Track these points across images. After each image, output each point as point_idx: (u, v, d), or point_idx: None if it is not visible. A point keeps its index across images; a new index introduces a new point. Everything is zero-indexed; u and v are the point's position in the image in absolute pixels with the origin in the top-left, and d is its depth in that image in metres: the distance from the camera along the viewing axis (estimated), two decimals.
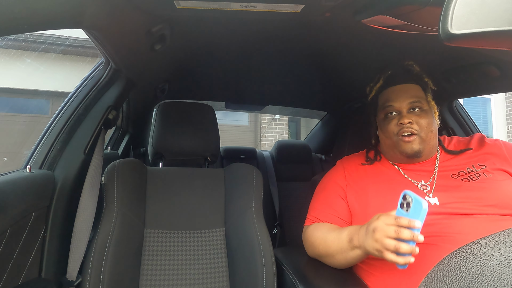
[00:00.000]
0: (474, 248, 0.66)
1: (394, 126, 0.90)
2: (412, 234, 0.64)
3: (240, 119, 5.88)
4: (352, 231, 0.79)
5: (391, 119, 0.91)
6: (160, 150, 1.19)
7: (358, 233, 0.77)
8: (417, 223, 0.64)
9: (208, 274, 0.99)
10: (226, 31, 0.98)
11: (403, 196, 0.68)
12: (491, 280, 0.58)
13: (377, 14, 0.75)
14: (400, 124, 0.88)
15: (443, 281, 0.64)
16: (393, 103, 0.91)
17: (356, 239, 0.77)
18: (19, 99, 4.30)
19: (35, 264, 0.77)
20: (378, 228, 0.69)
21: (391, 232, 0.66)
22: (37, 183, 0.77)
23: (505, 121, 5.91)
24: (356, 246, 0.77)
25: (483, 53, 0.98)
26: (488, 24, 0.44)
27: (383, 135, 0.95)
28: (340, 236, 0.82)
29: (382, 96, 0.96)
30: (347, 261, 0.82)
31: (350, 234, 0.79)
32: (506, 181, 0.84)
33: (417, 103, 0.90)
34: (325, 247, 0.86)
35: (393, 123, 0.90)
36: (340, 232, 0.83)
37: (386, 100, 0.93)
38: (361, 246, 0.75)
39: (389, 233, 0.66)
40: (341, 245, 0.81)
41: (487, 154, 0.91)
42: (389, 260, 0.66)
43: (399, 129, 0.89)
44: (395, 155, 0.94)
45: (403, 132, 0.88)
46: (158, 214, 1.05)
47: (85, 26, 0.69)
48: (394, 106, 0.91)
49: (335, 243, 0.83)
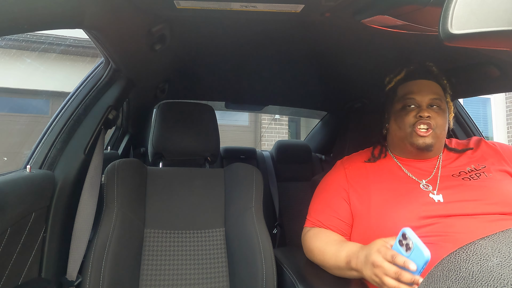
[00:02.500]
0: (474, 248, 0.66)
1: (412, 118, 0.89)
2: (413, 278, 0.63)
3: (240, 119, 5.88)
4: (351, 254, 0.78)
5: (409, 111, 0.91)
6: (160, 150, 1.19)
7: (356, 257, 0.75)
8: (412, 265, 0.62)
9: (208, 274, 0.99)
10: (226, 31, 0.98)
11: (403, 235, 0.65)
12: (491, 280, 0.58)
13: (377, 14, 0.75)
14: (419, 116, 0.88)
15: (443, 281, 0.64)
16: (415, 95, 0.91)
17: (355, 263, 0.75)
18: (19, 99, 4.30)
19: (35, 264, 0.77)
20: (378, 264, 0.67)
21: (391, 273, 0.65)
22: (37, 183, 0.77)
23: (505, 121, 5.91)
24: (353, 269, 0.76)
25: (483, 53, 0.98)
26: (488, 24, 0.44)
27: (396, 126, 0.94)
28: (338, 254, 0.81)
29: (403, 88, 0.95)
30: (344, 276, 0.82)
31: (349, 256, 0.78)
32: (506, 181, 0.85)
33: (437, 100, 0.90)
34: (322, 259, 0.85)
35: (411, 114, 0.90)
36: (338, 249, 0.82)
37: (408, 92, 0.93)
38: (359, 271, 0.74)
39: (389, 273, 0.65)
40: (338, 263, 0.80)
41: (485, 155, 0.92)
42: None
43: (416, 121, 0.89)
44: (405, 147, 0.93)
45: (420, 124, 0.88)
46: (158, 214, 1.05)
47: (85, 26, 0.69)
48: (415, 99, 0.91)
49: (333, 260, 0.82)
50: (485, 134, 4.58)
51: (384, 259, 0.67)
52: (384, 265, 0.66)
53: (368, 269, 0.70)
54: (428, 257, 0.61)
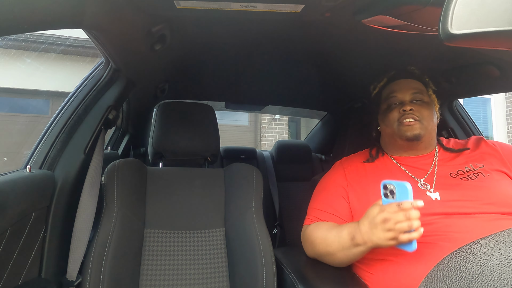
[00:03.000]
0: (474, 248, 0.66)
1: (396, 113, 0.94)
2: (418, 212, 0.68)
3: (240, 119, 5.88)
4: (352, 230, 0.79)
5: (393, 108, 0.96)
6: (160, 150, 1.19)
7: (359, 231, 0.77)
8: (419, 202, 0.68)
9: (208, 274, 0.99)
10: (226, 31, 0.98)
11: (384, 186, 0.72)
12: (491, 280, 0.58)
13: (377, 14, 0.75)
14: (402, 111, 0.93)
15: (443, 281, 0.64)
16: (396, 93, 0.97)
17: (359, 236, 0.76)
18: (19, 99, 4.30)
19: (35, 264, 0.77)
20: (388, 218, 0.70)
21: (401, 218, 0.68)
22: (37, 183, 0.77)
23: (505, 121, 5.91)
24: (359, 244, 0.77)
25: (483, 53, 0.98)
26: (488, 24, 0.44)
27: (384, 125, 0.99)
28: (341, 234, 0.82)
29: (386, 90, 1.01)
30: (349, 258, 0.82)
31: (351, 232, 0.79)
32: (504, 181, 0.85)
33: (419, 94, 0.95)
34: (325, 246, 0.86)
35: (395, 111, 0.95)
36: (339, 230, 0.83)
37: (389, 92, 0.98)
38: (366, 242, 0.75)
39: (399, 219, 0.68)
40: (342, 243, 0.81)
41: (484, 155, 0.92)
42: (405, 241, 0.68)
43: (400, 116, 0.93)
44: (396, 144, 0.97)
45: (404, 118, 0.92)
46: (158, 214, 1.05)
47: (85, 26, 0.69)
48: (397, 96, 0.96)
49: (336, 242, 0.83)
50: (485, 134, 4.57)
51: (390, 212, 0.70)
52: (393, 215, 0.69)
53: (378, 232, 0.72)
54: (410, 186, 0.69)
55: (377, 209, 0.73)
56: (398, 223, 0.68)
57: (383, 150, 1.03)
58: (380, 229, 0.71)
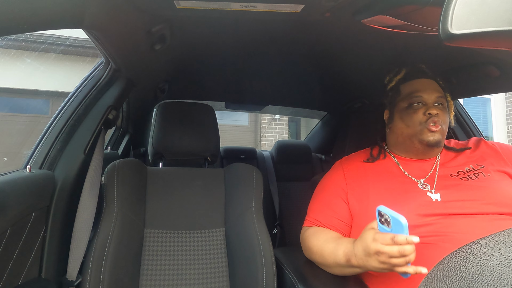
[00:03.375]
0: (474, 248, 0.66)
1: (421, 115, 0.90)
2: (414, 248, 0.65)
3: (240, 119, 5.88)
4: (347, 252, 0.78)
5: (417, 108, 0.91)
6: (160, 150, 1.19)
7: (355, 254, 0.75)
8: (415, 238, 0.64)
9: (208, 274, 0.99)
10: (226, 31, 0.98)
11: (379, 213, 0.69)
12: (491, 280, 0.58)
13: (377, 14, 0.75)
14: (428, 114, 0.89)
15: (443, 281, 0.64)
16: (422, 93, 0.91)
17: (355, 260, 0.75)
18: (19, 99, 4.30)
19: (35, 264, 0.77)
20: (380, 251, 0.68)
21: (396, 254, 0.66)
22: (37, 183, 0.77)
23: (505, 121, 5.91)
24: (355, 266, 0.76)
25: (483, 53, 0.98)
26: (488, 24, 0.44)
27: (404, 124, 0.93)
28: (336, 253, 0.80)
29: (407, 86, 0.95)
30: (345, 274, 0.82)
31: (346, 254, 0.78)
32: (505, 181, 0.85)
33: (442, 98, 0.92)
34: (321, 257, 0.85)
35: (420, 112, 0.90)
36: (335, 248, 0.82)
37: (413, 90, 0.93)
38: (361, 267, 0.74)
39: (393, 254, 0.66)
40: (337, 261, 0.80)
41: (484, 155, 0.92)
42: (400, 272, 0.67)
43: (426, 119, 0.89)
44: (411, 145, 0.93)
45: (431, 121, 0.88)
46: (158, 214, 1.05)
47: (85, 26, 0.69)
48: (423, 96, 0.91)
49: (332, 258, 0.82)
50: (485, 134, 4.57)
51: (383, 244, 0.68)
52: (386, 249, 0.67)
53: (372, 261, 0.70)
54: (405, 221, 0.64)
55: (371, 236, 0.71)
56: (392, 258, 0.67)
57: (386, 150, 1.01)
58: (374, 260, 0.70)
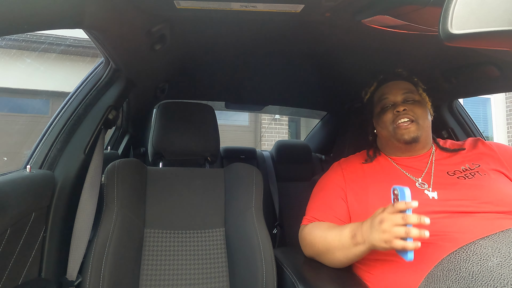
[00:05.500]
0: (474, 248, 0.66)
1: (390, 115, 0.95)
2: (419, 217, 0.65)
3: (240, 119, 5.88)
4: (354, 228, 0.80)
5: (386, 110, 0.97)
6: (160, 150, 1.19)
7: (361, 229, 0.77)
8: (414, 203, 0.66)
9: (208, 274, 0.99)
10: (226, 31, 0.98)
11: (392, 191, 0.73)
12: (491, 280, 0.58)
13: (377, 14, 0.75)
14: (396, 112, 0.93)
15: (443, 281, 0.64)
16: (388, 95, 0.98)
17: (360, 235, 0.77)
18: (19, 99, 4.30)
19: (35, 264, 0.77)
20: (385, 218, 0.70)
21: (398, 220, 0.67)
22: (37, 183, 0.77)
23: (505, 121, 5.91)
24: (359, 242, 0.77)
25: (483, 53, 0.98)
26: (488, 24, 0.44)
27: (380, 128, 0.99)
28: (342, 232, 0.82)
29: (377, 93, 1.02)
30: (348, 257, 0.82)
31: (353, 230, 0.79)
32: (501, 180, 0.85)
33: (410, 94, 0.96)
34: (325, 244, 0.85)
35: (389, 112, 0.96)
36: (341, 229, 0.83)
37: (381, 94, 1.00)
38: (365, 241, 0.75)
39: (397, 221, 0.67)
40: (343, 241, 0.81)
41: (481, 155, 0.93)
42: (399, 247, 0.67)
43: (395, 117, 0.94)
44: (393, 145, 0.98)
45: (399, 119, 0.92)
46: (158, 214, 1.05)
47: (85, 26, 0.69)
48: (389, 98, 0.98)
49: (336, 240, 0.82)
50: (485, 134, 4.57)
51: (387, 213, 0.70)
52: (390, 217, 0.69)
53: (376, 232, 0.71)
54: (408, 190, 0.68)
55: (381, 210, 0.73)
56: (394, 226, 0.68)
57: (380, 151, 1.04)
58: (376, 229, 0.71)
